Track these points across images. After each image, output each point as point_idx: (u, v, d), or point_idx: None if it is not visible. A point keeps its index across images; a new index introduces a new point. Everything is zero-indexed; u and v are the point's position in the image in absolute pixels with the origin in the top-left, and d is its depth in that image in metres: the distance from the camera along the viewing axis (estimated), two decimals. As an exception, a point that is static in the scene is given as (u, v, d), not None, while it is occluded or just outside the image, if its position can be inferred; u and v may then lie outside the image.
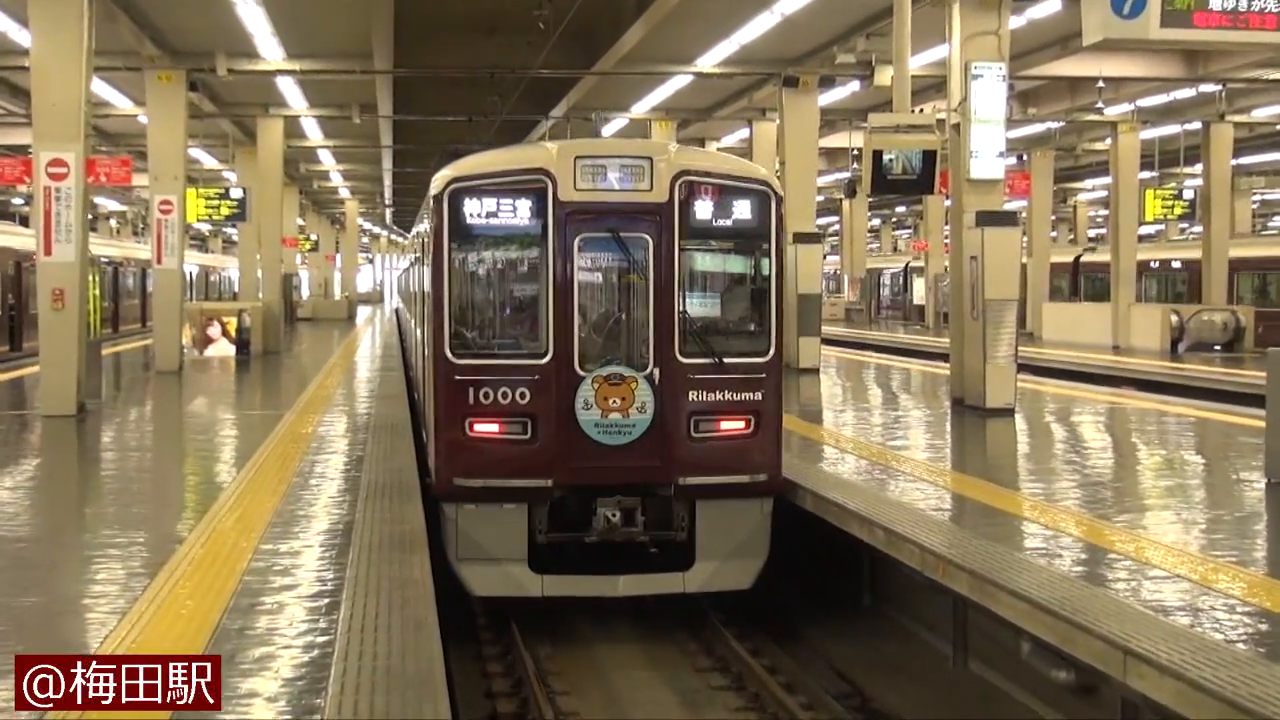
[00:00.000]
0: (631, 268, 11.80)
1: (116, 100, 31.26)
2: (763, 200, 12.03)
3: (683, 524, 12.05)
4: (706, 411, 11.85)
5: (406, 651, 6.97)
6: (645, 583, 11.98)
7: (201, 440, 16.96)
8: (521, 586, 11.82)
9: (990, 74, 18.31)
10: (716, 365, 11.82)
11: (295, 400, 20.40)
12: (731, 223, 12.00)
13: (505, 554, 11.79)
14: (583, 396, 11.62)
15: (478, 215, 11.77)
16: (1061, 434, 18.09)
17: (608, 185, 11.73)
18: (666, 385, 11.71)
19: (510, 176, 11.80)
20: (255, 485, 12.43)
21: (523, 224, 11.78)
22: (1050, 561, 9.24)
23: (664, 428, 11.70)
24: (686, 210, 11.82)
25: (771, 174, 12.62)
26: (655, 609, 12.67)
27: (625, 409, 11.65)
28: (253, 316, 30.69)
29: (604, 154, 11.88)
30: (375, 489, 12.05)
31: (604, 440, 11.65)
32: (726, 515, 12.03)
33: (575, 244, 11.69)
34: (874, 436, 16.47)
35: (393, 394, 21.14)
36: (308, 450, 14.79)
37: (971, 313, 18.44)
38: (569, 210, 11.66)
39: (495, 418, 11.64)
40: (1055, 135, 40.43)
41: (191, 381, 24.89)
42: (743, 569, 12.15)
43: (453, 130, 35.53)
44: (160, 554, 9.47)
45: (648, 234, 11.76)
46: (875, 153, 18.24)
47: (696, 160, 12.14)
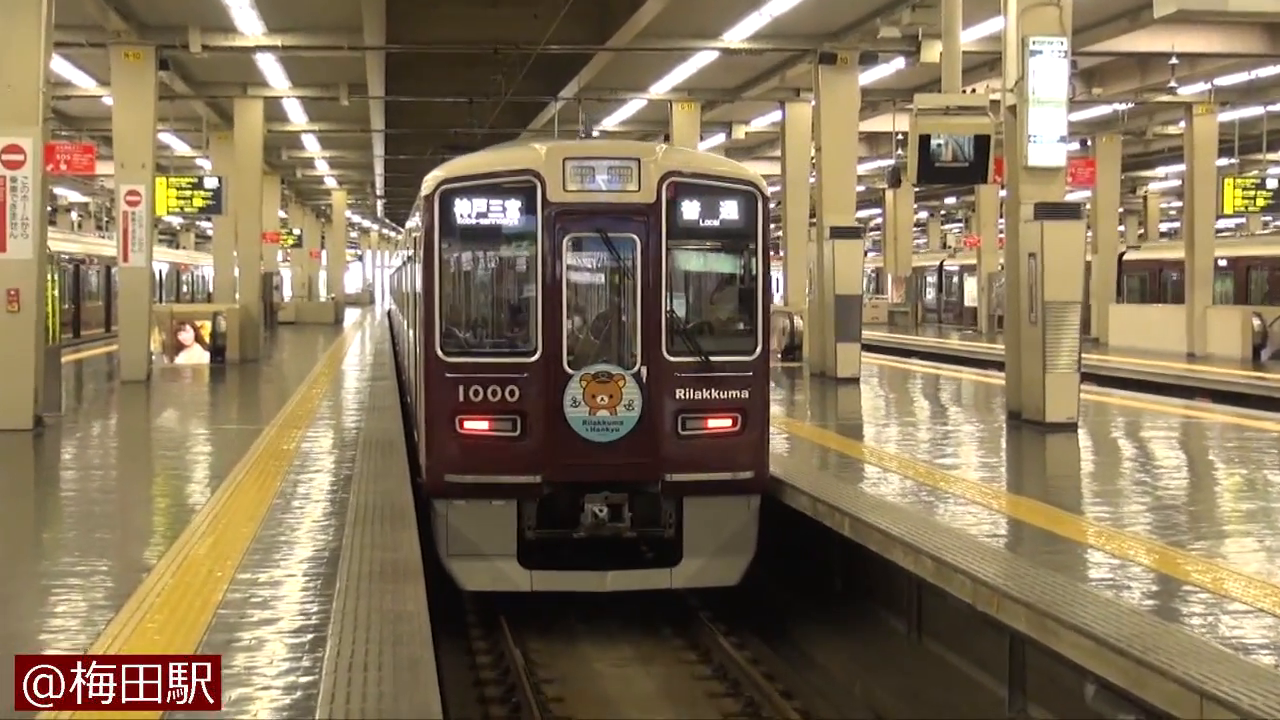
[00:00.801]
0: (619, 267, 13.17)
1: (79, 80, 31.40)
2: (749, 201, 13.40)
3: (670, 520, 13.37)
4: (693, 409, 13.18)
5: (400, 694, 6.97)
6: (633, 578, 13.34)
7: (172, 458, 17.00)
8: (511, 581, 13.16)
9: (1050, 50, 18.29)
10: (703, 363, 13.16)
11: (276, 413, 20.44)
12: (719, 223, 13.39)
13: (495, 549, 13.11)
14: (571, 394, 12.97)
15: (468, 215, 13.16)
16: (1130, 451, 18.04)
17: (596, 186, 13.14)
18: (653, 383, 13.06)
19: (500, 177, 13.20)
20: (231, 508, 12.45)
21: (512, 224, 13.19)
22: (1118, 594, 9.22)
23: (651, 425, 13.04)
24: (674, 211, 13.16)
25: (759, 176, 13.91)
26: (671, 635, 12.92)
27: (613, 406, 13.00)
28: (229, 320, 30.79)
29: (592, 155, 13.32)
30: (365, 512, 12.07)
31: (592, 437, 13.00)
32: (713, 512, 13.32)
33: (564, 244, 13.06)
34: (920, 454, 16.46)
35: (384, 406, 21.18)
36: (290, 469, 14.82)
37: (1029, 316, 18.42)
38: (558, 210, 13.03)
39: (485, 415, 13.01)
40: (1123, 118, 40.34)
41: (161, 392, 24.96)
42: (730, 565, 13.42)
43: (451, 113, 35.62)
44: (126, 584, 9.49)
45: (635, 234, 13.10)
46: (922, 137, 18.23)
47: (684, 161, 13.61)
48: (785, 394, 25.22)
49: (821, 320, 26.90)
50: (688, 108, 33.79)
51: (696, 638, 13.28)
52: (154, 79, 26.59)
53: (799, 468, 15.19)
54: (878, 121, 36.32)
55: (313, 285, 71.71)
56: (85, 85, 31.75)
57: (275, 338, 44.00)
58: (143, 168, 26.23)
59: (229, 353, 30.32)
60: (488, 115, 33.89)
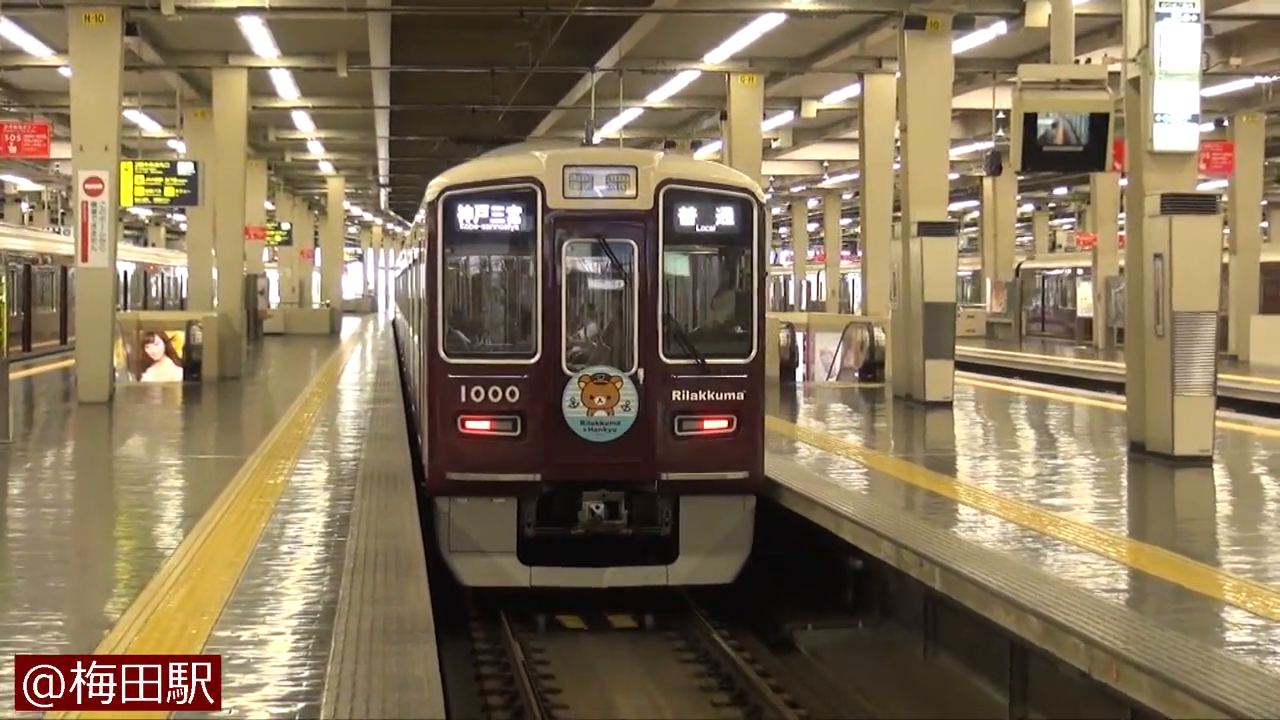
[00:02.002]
0: (617, 272, 15.85)
1: (31, 48, 31.60)
2: (745, 207, 16.05)
3: (667, 519, 16.03)
4: (689, 410, 15.81)
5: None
6: (630, 575, 15.98)
7: (138, 493, 17.07)
8: (510, 577, 15.83)
9: (1180, 12, 18.24)
10: (698, 366, 15.79)
11: (261, 441, 20.53)
12: (714, 229, 16.07)
13: (495, 546, 15.82)
14: (569, 395, 15.53)
15: (470, 221, 15.85)
16: (1276, 490, 17.94)
17: (594, 193, 15.80)
18: (650, 385, 15.66)
19: (502, 184, 15.95)
20: (208, 553, 12.50)
21: (513, 230, 15.86)
22: (1261, 661, 9.18)
23: (648, 425, 15.64)
24: (670, 217, 15.82)
25: (756, 182, 16.67)
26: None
27: (610, 407, 15.57)
28: (205, 331, 30.91)
29: (591, 163, 16.03)
30: (366, 560, 12.11)
31: (590, 437, 15.55)
32: (709, 511, 16.03)
33: (563, 249, 15.74)
34: (1024, 493, 16.44)
35: (389, 434, 21.23)
36: (277, 507, 14.88)
37: (1155, 329, 18.35)
38: (557, 217, 15.70)
39: (486, 415, 15.68)
40: (1267, 94, 40.14)
41: (125, 415, 25.07)
42: (726, 564, 16.13)
43: (469, 86, 35.68)
44: (83, 640, 9.52)
45: (633, 239, 15.78)
46: (1028, 116, 18.21)
47: (681, 169, 16.56)
48: (864, 420, 25.19)
49: (907, 333, 26.83)
50: (749, 80, 33.82)
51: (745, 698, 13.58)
52: (119, 46, 26.64)
53: (879, 509, 15.22)
54: (974, 97, 36.26)
55: (304, 290, 71.95)
56: (39, 53, 31.95)
57: (260, 351, 44.18)
58: (105, 151, 26.32)
59: (205, 369, 30.47)
60: (511, 89, 33.97)
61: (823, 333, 31.95)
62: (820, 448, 20.33)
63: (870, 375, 29.70)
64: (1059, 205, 77.88)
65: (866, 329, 30.14)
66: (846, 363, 31.14)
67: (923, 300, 26.03)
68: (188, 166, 31.43)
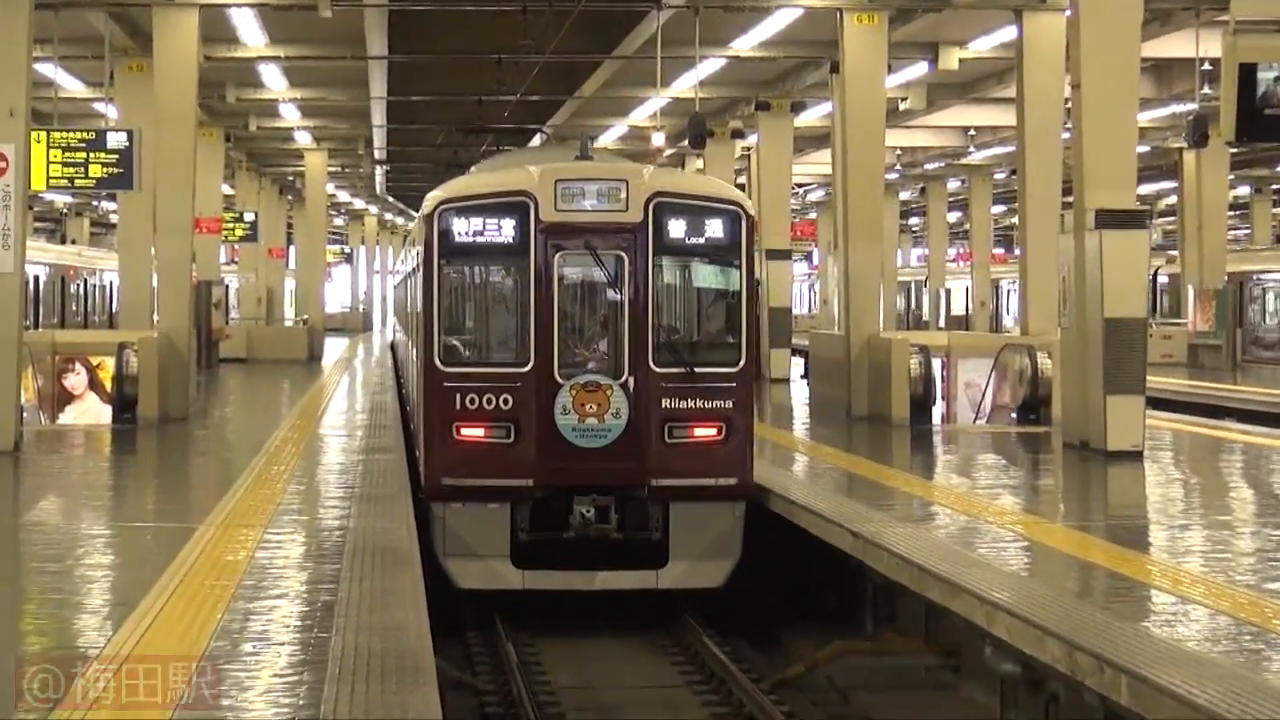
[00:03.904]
0: (608, 283, 20.95)
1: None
2: (733, 219, 21.25)
3: (657, 524, 21.05)
4: (679, 418, 20.80)
5: None
6: (621, 578, 20.83)
7: (51, 574, 17.06)
8: (504, 580, 20.80)
9: None
10: (688, 374, 20.87)
11: (217, 504, 20.60)
12: (704, 240, 21.26)
13: (489, 550, 20.80)
14: (561, 402, 20.47)
15: (465, 233, 21.03)
16: None
17: (585, 206, 20.87)
18: (640, 393, 20.69)
19: (495, 198, 21.20)
20: (145, 654, 12.43)
21: (506, 242, 20.98)
22: None
23: (638, 432, 20.64)
24: (660, 229, 20.87)
25: (747, 195, 21.20)
26: None
27: (601, 414, 20.52)
28: (142, 356, 30.87)
29: (583, 177, 21.10)
30: (357, 663, 12.11)
31: (580, 443, 20.50)
32: (699, 516, 21.13)
33: (555, 260, 20.79)
34: (1239, 574, 16.41)
35: (386, 495, 21.32)
36: (238, 592, 14.92)
37: None
38: (550, 229, 20.72)
39: (480, 422, 20.73)
40: None
41: (37, 469, 25.18)
42: (715, 568, 21.16)
43: (492, 30, 35.82)
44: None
45: (623, 251, 20.80)
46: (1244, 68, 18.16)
47: (670, 182, 22.09)
48: (1023, 476, 25.19)
49: (1081, 359, 26.58)
50: (868, 20, 33.74)
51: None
52: (28, -24, 26.82)
53: (1044, 596, 15.11)
54: (1170, 43, 36.19)
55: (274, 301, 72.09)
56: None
57: (215, 383, 44.36)
58: (10, 117, 26.38)
59: (142, 407, 30.43)
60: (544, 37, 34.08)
61: (968, 359, 32.01)
62: (964, 513, 20.30)
63: (1032, 416, 29.59)
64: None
65: (1027, 354, 30.00)
66: (1000, 399, 31.14)
67: (1102, 315, 25.85)
68: (119, 137, 31.27)
